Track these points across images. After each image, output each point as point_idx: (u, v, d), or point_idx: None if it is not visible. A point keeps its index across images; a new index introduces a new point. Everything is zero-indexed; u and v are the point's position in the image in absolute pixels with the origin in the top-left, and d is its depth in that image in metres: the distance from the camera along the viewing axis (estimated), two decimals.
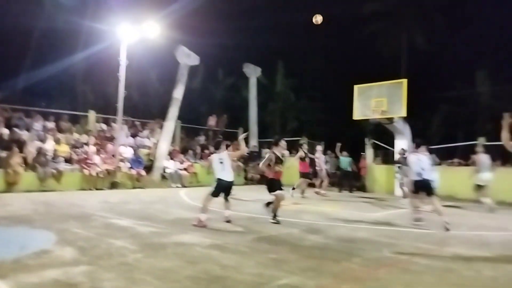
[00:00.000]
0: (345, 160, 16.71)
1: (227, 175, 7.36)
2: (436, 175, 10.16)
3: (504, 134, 6.03)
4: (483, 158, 11.48)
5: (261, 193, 14.07)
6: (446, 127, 25.64)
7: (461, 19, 26.40)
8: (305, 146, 14.20)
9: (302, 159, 13.51)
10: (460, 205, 11.95)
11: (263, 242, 5.79)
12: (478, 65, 24.86)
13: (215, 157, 7.56)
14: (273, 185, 7.71)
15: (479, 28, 25.77)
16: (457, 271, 4.57)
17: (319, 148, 15.14)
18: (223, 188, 7.35)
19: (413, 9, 28.13)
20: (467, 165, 15.60)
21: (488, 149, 14.71)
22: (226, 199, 7.53)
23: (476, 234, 7.15)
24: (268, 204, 7.94)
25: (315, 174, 14.50)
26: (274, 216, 7.59)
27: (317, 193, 13.84)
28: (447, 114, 25.74)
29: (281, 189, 7.70)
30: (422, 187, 7.95)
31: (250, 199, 11.92)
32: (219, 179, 7.33)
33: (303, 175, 13.49)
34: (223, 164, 7.37)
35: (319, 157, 14.80)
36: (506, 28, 24.13)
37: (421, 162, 8.03)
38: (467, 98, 24.90)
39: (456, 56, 25.13)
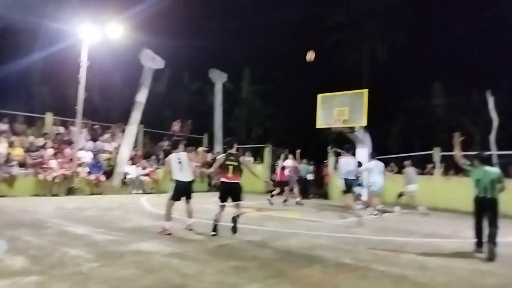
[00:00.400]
0: (304, 168, 16.99)
1: (185, 176, 7.09)
2: (380, 179, 11.69)
3: (456, 151, 7.12)
4: (410, 171, 12.62)
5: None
6: (404, 137, 26.70)
7: (419, 32, 27.63)
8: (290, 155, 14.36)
9: (283, 167, 13.79)
10: (415, 212, 12.38)
11: (224, 250, 5.76)
12: (434, 77, 26.11)
13: (173, 157, 7.21)
14: (219, 191, 7.27)
15: (436, 41, 27.12)
16: (411, 277, 4.73)
17: (291, 156, 15.26)
18: (182, 190, 7.06)
19: (374, 21, 29.20)
20: (423, 174, 16.28)
21: (443, 159, 15.44)
22: (187, 202, 7.24)
23: (430, 241, 7.43)
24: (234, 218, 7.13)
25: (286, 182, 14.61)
26: (215, 227, 6.92)
27: (298, 203, 13.70)
28: (405, 125, 26.81)
29: (223, 198, 7.05)
30: (348, 186, 9.60)
31: (213, 206, 11.81)
32: (176, 181, 7.06)
33: (283, 183, 13.70)
34: (181, 164, 7.08)
35: (292, 165, 14.85)
36: (462, 43, 25.48)
37: (349, 165, 9.68)
38: (423, 109, 26.06)
39: (414, 68, 26.25)
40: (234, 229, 6.94)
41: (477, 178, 6.68)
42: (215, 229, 6.84)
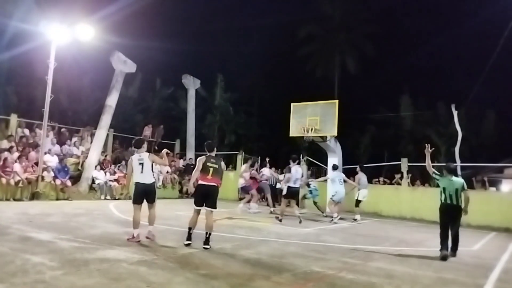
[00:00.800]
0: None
1: (146, 178, 6.76)
2: (342, 189, 12.37)
3: (427, 161, 7.62)
4: (362, 177, 12.97)
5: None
6: (373, 147, 27.37)
7: (388, 47, 28.57)
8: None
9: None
10: (383, 221, 12.66)
11: (194, 258, 5.68)
12: (402, 90, 26.98)
13: (134, 158, 6.90)
14: (196, 194, 6.81)
15: (404, 56, 28.08)
16: (378, 285, 4.81)
17: (267, 164, 15.61)
18: (141, 192, 6.77)
19: (344, 35, 29.93)
20: (391, 183, 16.69)
21: (410, 169, 15.88)
22: (149, 207, 6.87)
23: (397, 250, 7.59)
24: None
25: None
26: (189, 235, 6.59)
27: (273, 212, 13.47)
28: (374, 135, 27.50)
29: (199, 202, 6.66)
30: (293, 193, 10.79)
31: (185, 213, 11.67)
32: (136, 183, 6.79)
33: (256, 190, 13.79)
34: (142, 165, 6.75)
35: (267, 173, 15.15)
36: (429, 58, 26.51)
37: (297, 173, 10.67)
38: (392, 121, 26.83)
39: (383, 81, 27.09)
40: (206, 244, 6.41)
41: (444, 186, 7.23)
42: (189, 237, 6.53)
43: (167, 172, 18.17)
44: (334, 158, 15.66)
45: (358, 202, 12.81)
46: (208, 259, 5.65)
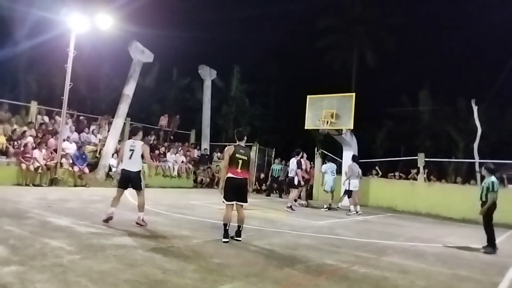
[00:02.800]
0: (276, 168, 17.62)
1: (133, 165, 6.79)
2: (331, 180, 13.34)
3: None
4: (354, 167, 13.11)
5: (210, 196, 14.00)
6: (390, 142, 27.02)
7: (408, 41, 28.03)
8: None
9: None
10: (398, 216, 12.55)
11: (208, 247, 5.73)
12: (421, 85, 26.49)
13: (127, 143, 6.95)
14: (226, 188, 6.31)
15: (424, 51, 27.54)
16: (392, 280, 4.79)
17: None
18: (125, 179, 6.85)
19: (364, 27, 29.47)
20: (407, 178, 16.49)
21: (427, 165, 15.68)
22: (138, 194, 6.97)
23: (412, 245, 7.53)
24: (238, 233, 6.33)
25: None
26: (226, 232, 6.16)
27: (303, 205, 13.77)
28: (391, 130, 27.14)
29: (230, 196, 6.22)
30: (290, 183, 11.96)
31: (198, 202, 11.79)
32: (122, 169, 6.85)
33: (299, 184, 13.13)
34: (133, 152, 6.75)
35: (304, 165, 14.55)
36: (450, 52, 25.93)
37: (292, 165, 11.95)
38: (409, 115, 26.42)
39: (402, 74, 26.61)
40: (238, 236, 6.29)
41: (482, 185, 7.64)
42: (226, 235, 6.08)
43: (182, 161, 18.34)
44: (349, 152, 15.55)
45: (349, 192, 12.75)
46: (221, 248, 5.70)
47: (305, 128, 15.79)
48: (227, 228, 6.13)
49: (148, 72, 23.41)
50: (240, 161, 6.18)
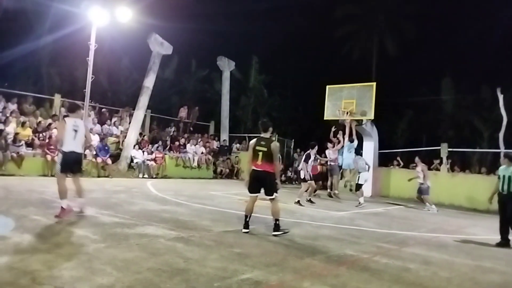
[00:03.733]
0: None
1: (78, 147, 6.28)
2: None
3: None
4: (359, 160, 12.71)
5: (230, 187, 14.10)
6: (411, 132, 26.52)
7: (429, 29, 27.28)
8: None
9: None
10: (420, 207, 12.36)
11: (228, 237, 5.79)
12: (443, 73, 25.82)
13: (69, 122, 6.24)
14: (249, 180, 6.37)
15: (446, 39, 26.77)
16: (414, 271, 4.74)
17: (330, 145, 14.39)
18: (71, 162, 6.26)
19: (384, 15, 28.84)
20: (429, 169, 16.19)
21: (450, 155, 15.37)
22: (76, 178, 6.43)
23: (434, 236, 7.42)
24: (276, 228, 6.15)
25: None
26: (246, 223, 6.19)
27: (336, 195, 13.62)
28: (413, 119, 26.62)
29: (251, 188, 6.27)
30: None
31: (218, 193, 11.89)
32: (68, 152, 6.17)
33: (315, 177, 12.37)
34: (76, 132, 6.21)
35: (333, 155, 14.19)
36: (473, 39, 25.13)
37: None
38: (431, 104, 25.83)
39: (423, 63, 25.96)
40: (276, 231, 6.14)
41: (503, 174, 7.03)
42: (247, 225, 6.14)
43: (202, 153, 18.49)
44: (370, 142, 15.37)
45: (359, 186, 12.30)
46: (242, 238, 5.75)
47: (324, 118, 15.67)
48: (247, 219, 6.19)
49: (168, 64, 23.56)
50: (260, 153, 6.13)
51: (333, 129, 14.84)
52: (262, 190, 6.31)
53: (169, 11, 21.91)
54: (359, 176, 12.42)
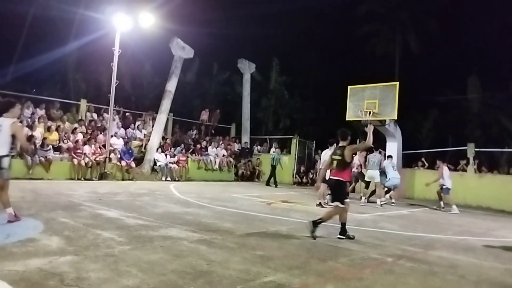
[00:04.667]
0: (275, 157, 17.38)
1: (0, 149, 5.48)
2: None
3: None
4: (370, 156, 12.78)
5: (251, 189, 14.14)
6: (437, 132, 25.90)
7: (454, 25, 26.60)
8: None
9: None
10: (446, 209, 12.07)
11: (251, 239, 5.80)
12: (469, 70, 25.13)
13: None
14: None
15: (472, 35, 26.02)
16: (440, 274, 4.63)
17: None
18: None
19: (407, 12, 28.32)
20: (456, 170, 15.80)
21: (477, 155, 14.95)
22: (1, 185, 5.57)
23: (461, 239, 7.24)
24: (316, 223, 6.24)
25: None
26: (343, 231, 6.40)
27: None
28: (438, 119, 26.00)
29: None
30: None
31: (239, 195, 11.94)
32: None
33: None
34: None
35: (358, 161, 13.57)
36: (499, 35, 24.37)
37: (325, 156, 10.26)
38: (457, 103, 25.16)
39: (448, 61, 25.34)
40: (342, 235, 6.34)
41: None
42: (345, 232, 6.40)
43: (223, 155, 18.60)
44: (394, 143, 15.11)
45: (366, 183, 12.62)
46: (264, 241, 5.75)
47: (346, 119, 15.49)
48: (344, 227, 6.45)
49: (189, 67, 23.84)
50: (335, 162, 6.41)
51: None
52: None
53: (190, 15, 22.23)
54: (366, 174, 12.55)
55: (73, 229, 5.47)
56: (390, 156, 13.32)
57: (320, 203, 10.48)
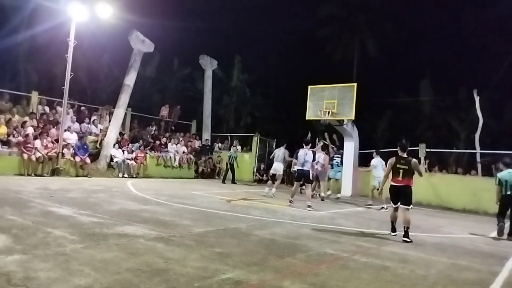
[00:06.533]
0: (231, 155, 17.54)
1: None
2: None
3: None
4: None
5: (211, 187, 14.05)
6: (391, 132, 26.90)
7: (409, 31, 27.77)
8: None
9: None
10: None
11: (209, 236, 5.77)
12: (422, 74, 26.32)
13: None
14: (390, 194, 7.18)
15: (425, 40, 27.29)
16: (392, 269, 4.82)
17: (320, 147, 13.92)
18: None
19: (365, 16, 29.22)
20: None
21: (428, 155, 15.67)
22: None
23: (412, 235, 7.54)
24: (406, 235, 6.80)
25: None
26: (393, 228, 7.21)
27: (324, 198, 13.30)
28: (392, 120, 27.02)
29: (394, 201, 7.09)
30: (300, 175, 10.52)
31: (199, 192, 11.84)
32: None
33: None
34: None
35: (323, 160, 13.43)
36: (451, 42, 25.69)
37: (306, 156, 10.39)
38: (410, 105, 26.28)
39: (402, 65, 26.38)
40: (406, 237, 6.78)
41: (505, 179, 8.20)
42: (394, 229, 7.17)
43: (183, 152, 18.37)
44: (351, 142, 15.55)
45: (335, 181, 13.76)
46: (223, 238, 5.74)
47: (306, 118, 15.78)
48: (394, 225, 7.19)
49: (149, 62, 23.30)
50: (401, 171, 6.95)
51: (334, 136, 14.92)
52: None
53: (151, 8, 21.68)
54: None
55: (22, 227, 5.20)
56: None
57: (309, 205, 10.13)
